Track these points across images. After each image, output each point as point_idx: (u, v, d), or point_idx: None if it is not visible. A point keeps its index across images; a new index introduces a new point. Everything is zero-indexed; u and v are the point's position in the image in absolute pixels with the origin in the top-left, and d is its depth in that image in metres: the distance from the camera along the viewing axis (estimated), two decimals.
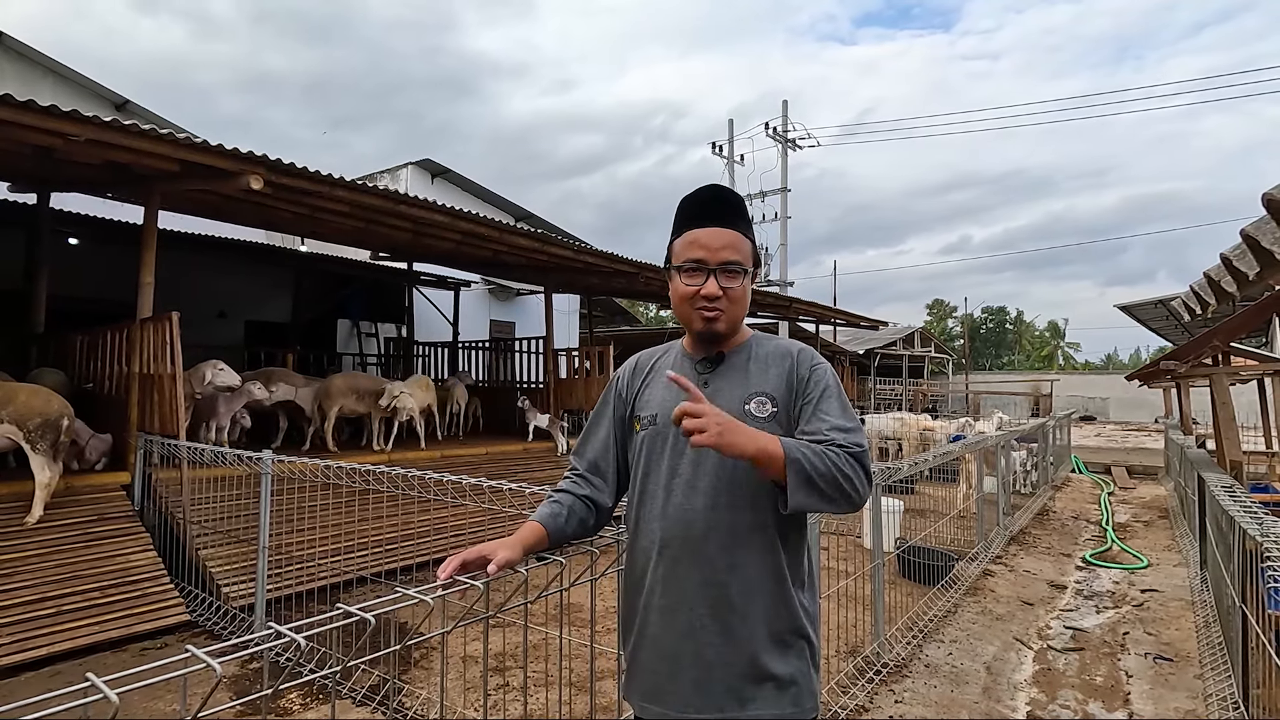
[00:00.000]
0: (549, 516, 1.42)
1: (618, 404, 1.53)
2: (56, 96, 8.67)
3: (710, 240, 1.37)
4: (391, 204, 6.34)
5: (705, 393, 1.37)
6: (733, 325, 1.41)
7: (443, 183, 15.76)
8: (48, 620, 3.79)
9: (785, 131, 20.18)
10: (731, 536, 1.31)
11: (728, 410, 1.32)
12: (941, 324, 60.11)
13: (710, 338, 1.42)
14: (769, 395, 1.37)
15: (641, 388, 1.50)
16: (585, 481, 1.50)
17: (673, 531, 1.34)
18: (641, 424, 1.45)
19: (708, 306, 1.37)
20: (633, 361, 1.58)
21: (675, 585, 1.33)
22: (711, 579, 1.31)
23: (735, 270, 1.37)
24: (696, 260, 1.37)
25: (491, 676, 3.58)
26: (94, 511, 4.71)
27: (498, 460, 7.95)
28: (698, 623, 1.30)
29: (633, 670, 1.41)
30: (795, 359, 1.41)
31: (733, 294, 1.37)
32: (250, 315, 13.13)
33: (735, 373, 1.41)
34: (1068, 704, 3.49)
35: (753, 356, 1.43)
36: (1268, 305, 4.97)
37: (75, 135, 4.28)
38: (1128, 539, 7.23)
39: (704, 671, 1.30)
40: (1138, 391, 15.68)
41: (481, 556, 1.26)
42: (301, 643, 1.06)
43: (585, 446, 1.54)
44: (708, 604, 1.31)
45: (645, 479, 1.41)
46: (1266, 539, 2.42)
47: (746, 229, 1.42)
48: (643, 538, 1.40)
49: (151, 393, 5.18)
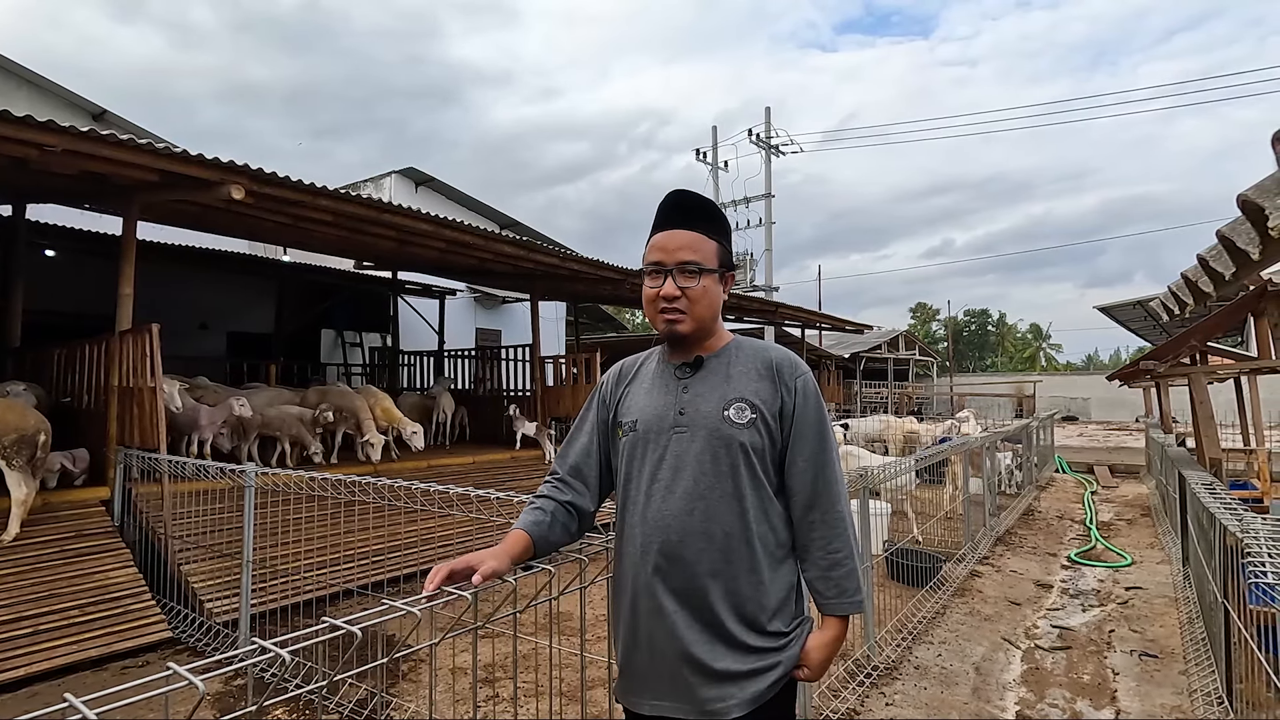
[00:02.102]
0: (533, 524, 1.42)
1: (601, 410, 1.54)
2: (32, 106, 8.56)
3: (667, 242, 1.39)
4: (375, 213, 6.30)
5: (685, 398, 1.40)
6: (699, 327, 1.41)
7: (427, 191, 15.71)
8: (25, 640, 3.71)
9: (769, 138, 20.32)
10: (708, 539, 1.33)
11: (708, 417, 1.36)
12: (925, 327, 60.65)
13: (674, 340, 1.43)
14: (749, 401, 1.37)
15: (624, 395, 1.50)
16: (567, 486, 1.50)
17: (654, 536, 1.35)
18: (624, 430, 1.45)
19: (667, 308, 1.38)
20: (617, 368, 1.58)
21: (659, 588, 1.34)
22: (693, 583, 1.32)
23: (692, 270, 1.37)
24: (655, 263, 1.40)
25: (481, 688, 3.54)
26: (72, 528, 4.62)
27: (485, 469, 7.90)
28: (683, 623, 1.32)
29: (625, 671, 1.42)
30: (776, 368, 1.41)
31: (691, 293, 1.37)
32: (232, 326, 12.99)
33: (715, 377, 1.42)
34: (1056, 702, 3.51)
35: (733, 360, 1.43)
36: (1243, 305, 5.06)
37: (52, 145, 4.22)
38: (1111, 537, 7.31)
39: (693, 669, 1.31)
40: (1118, 391, 15.89)
41: (469, 567, 1.26)
42: (286, 658, 1.05)
43: (568, 451, 1.55)
44: (692, 605, 1.32)
45: (628, 484, 1.42)
46: (1246, 535, 2.45)
47: (710, 229, 1.42)
48: (627, 542, 1.41)
49: (131, 406, 5.10)
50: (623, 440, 1.45)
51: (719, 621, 1.31)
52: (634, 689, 1.39)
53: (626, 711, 1.44)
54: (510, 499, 2.71)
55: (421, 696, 3.40)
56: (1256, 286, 4.60)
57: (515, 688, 2.49)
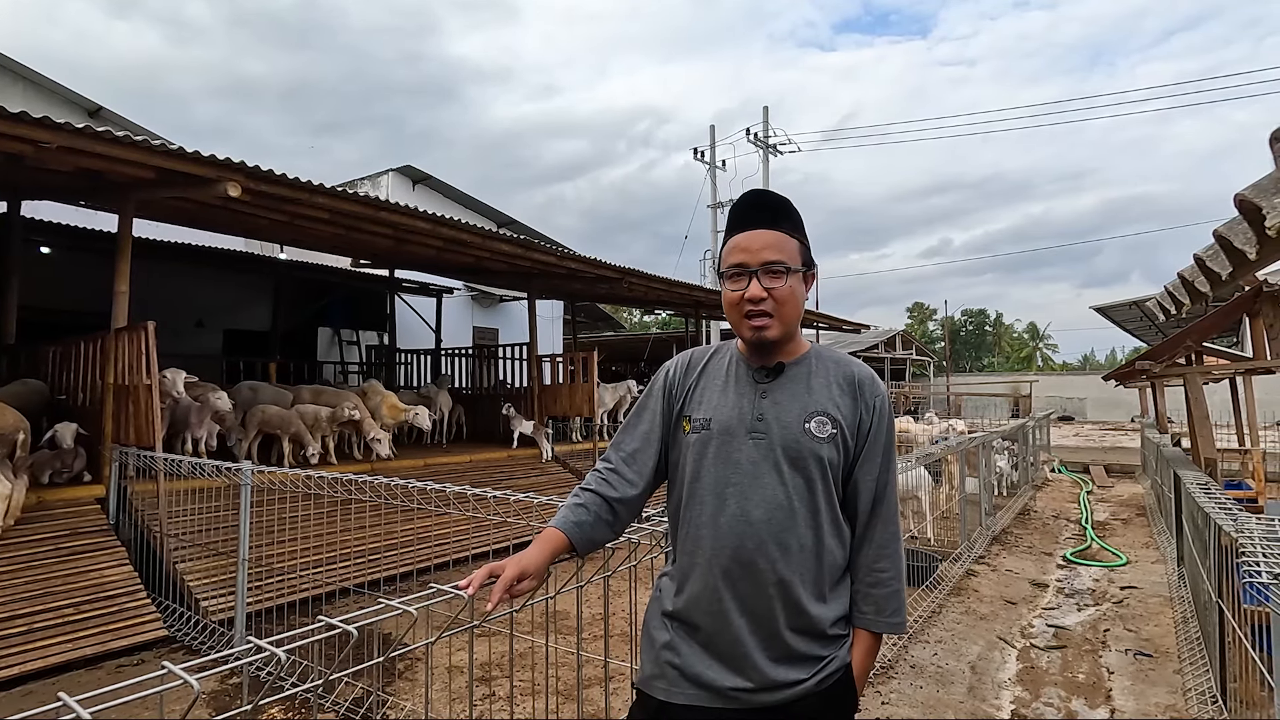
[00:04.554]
0: (574, 526, 1.38)
1: (666, 399, 1.48)
2: (27, 103, 8.53)
3: (750, 242, 1.35)
4: (372, 211, 6.29)
5: (764, 404, 1.37)
6: (785, 330, 1.36)
7: (424, 189, 15.68)
8: (19, 638, 3.70)
9: (767, 137, 20.33)
10: (782, 551, 1.30)
11: (788, 427, 1.34)
12: (922, 327, 60.76)
13: (761, 346, 1.39)
14: (830, 416, 1.34)
15: (693, 387, 1.46)
16: (618, 478, 1.45)
17: (724, 542, 1.32)
18: (692, 425, 1.41)
19: (754, 311, 1.34)
20: (685, 357, 1.53)
21: (726, 593, 1.32)
22: (761, 591, 1.31)
23: (778, 270, 1.33)
24: (738, 264, 1.35)
25: (477, 686, 3.54)
26: (67, 526, 4.61)
27: (482, 468, 7.90)
28: (746, 629, 1.31)
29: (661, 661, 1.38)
30: (858, 384, 1.39)
31: (778, 294, 1.33)
32: (229, 324, 12.96)
33: (796, 386, 1.38)
34: (1051, 701, 3.52)
35: (814, 371, 1.40)
36: (1238, 305, 5.08)
37: (47, 142, 4.20)
38: (1107, 537, 7.33)
39: (754, 673, 1.30)
40: (1114, 391, 15.94)
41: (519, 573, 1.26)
42: (282, 656, 1.04)
43: (626, 437, 1.50)
44: (756, 614, 1.31)
45: (695, 483, 1.38)
46: (1241, 534, 2.46)
47: (792, 229, 1.38)
48: (692, 542, 1.37)
49: (126, 404, 5.08)
50: (690, 435, 1.40)
51: (779, 633, 1.31)
52: (670, 678, 1.35)
53: (642, 698, 1.40)
54: (506, 498, 2.70)
55: (418, 695, 3.40)
56: (1252, 287, 4.62)
57: (512, 687, 2.49)
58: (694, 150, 20.90)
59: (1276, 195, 1.77)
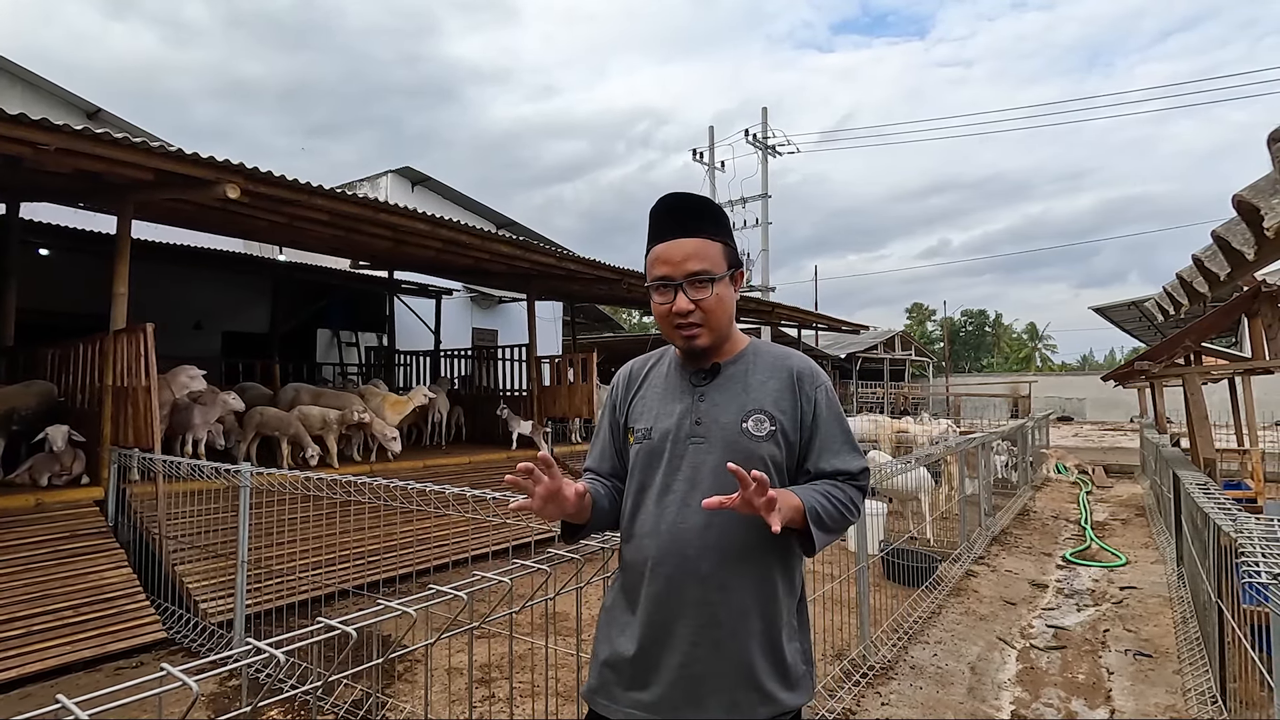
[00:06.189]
0: (591, 483, 1.42)
1: (612, 413, 1.51)
2: (26, 105, 8.53)
3: (671, 253, 1.32)
4: (371, 212, 6.28)
5: (702, 407, 1.36)
6: (716, 336, 1.36)
7: (423, 190, 15.67)
8: (17, 641, 3.69)
9: (765, 138, 20.35)
10: (723, 556, 1.29)
11: (725, 428, 1.33)
12: (921, 327, 60.81)
13: (694, 355, 1.39)
14: (768, 413, 1.33)
15: (634, 398, 1.47)
16: (600, 481, 1.49)
17: (666, 549, 1.31)
18: (635, 436, 1.41)
19: (683, 324, 1.33)
20: (627, 369, 1.55)
21: (667, 602, 1.31)
22: (704, 598, 1.29)
23: (703, 280, 1.31)
24: (661, 277, 1.33)
25: (477, 688, 3.53)
26: (65, 528, 4.60)
27: (481, 469, 7.88)
28: (689, 638, 1.29)
29: (604, 675, 1.39)
30: (796, 378, 1.37)
31: (705, 305, 1.32)
32: (227, 326, 12.94)
33: (733, 385, 1.37)
34: (1051, 702, 3.52)
35: (751, 368, 1.39)
36: (1237, 306, 5.08)
37: (45, 144, 4.19)
38: (1106, 537, 7.33)
39: (693, 684, 1.29)
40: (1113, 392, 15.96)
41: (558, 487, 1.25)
42: (281, 658, 1.04)
43: (591, 456, 1.55)
44: (699, 622, 1.29)
45: (640, 493, 1.38)
46: (1240, 534, 2.46)
47: (715, 231, 1.35)
48: (636, 552, 1.37)
49: (125, 406, 5.07)
50: (634, 447, 1.41)
51: (726, 635, 1.29)
52: (611, 693, 1.36)
53: (589, 711, 1.40)
54: (506, 499, 2.70)
55: (417, 697, 3.39)
56: (1250, 287, 4.62)
57: (511, 688, 2.49)
58: (693, 151, 20.95)
59: (1274, 196, 1.77)
